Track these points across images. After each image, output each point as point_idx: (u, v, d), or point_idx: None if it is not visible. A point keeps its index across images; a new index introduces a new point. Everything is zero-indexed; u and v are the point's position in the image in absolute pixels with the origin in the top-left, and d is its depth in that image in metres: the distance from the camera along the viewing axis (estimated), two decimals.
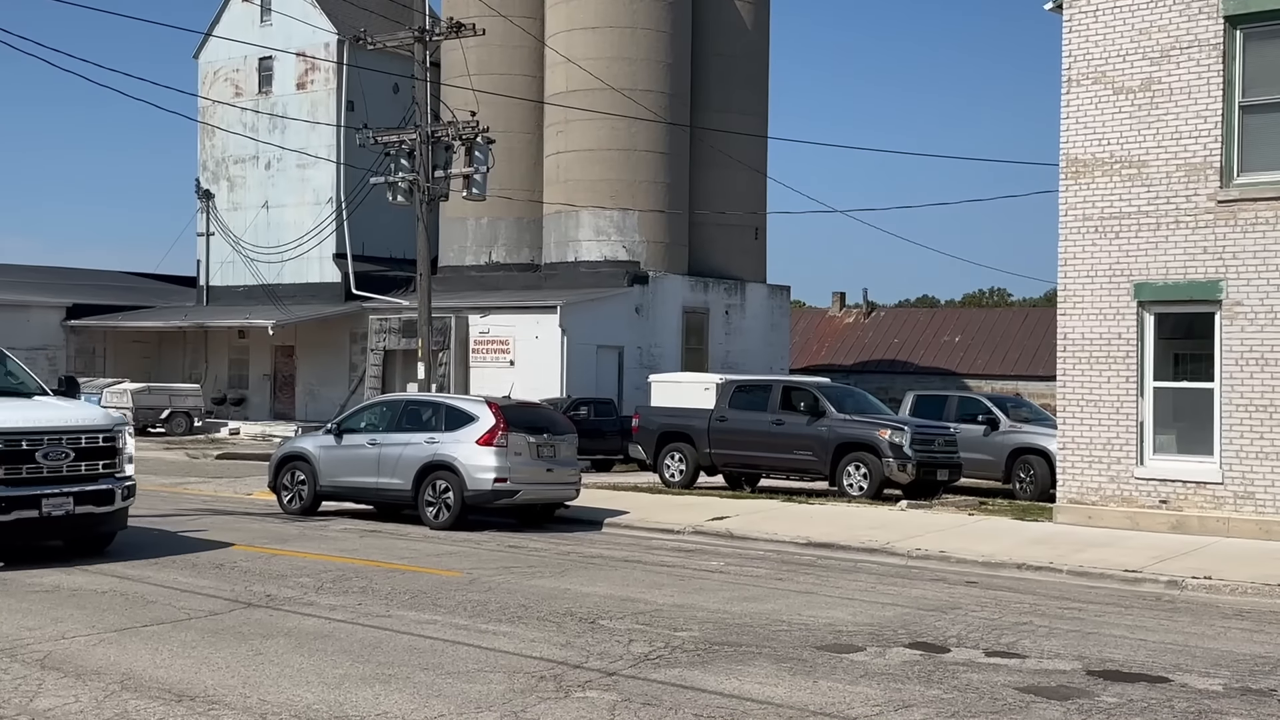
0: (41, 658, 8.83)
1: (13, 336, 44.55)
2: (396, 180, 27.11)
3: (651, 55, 39.97)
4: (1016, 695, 8.24)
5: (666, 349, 38.59)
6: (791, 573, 14.22)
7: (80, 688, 8.00)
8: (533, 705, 7.70)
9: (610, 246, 39.77)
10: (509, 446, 17.87)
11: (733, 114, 42.28)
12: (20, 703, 7.58)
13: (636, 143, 39.50)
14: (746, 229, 43.35)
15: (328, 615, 10.67)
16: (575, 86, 39.21)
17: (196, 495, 22.18)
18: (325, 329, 42.71)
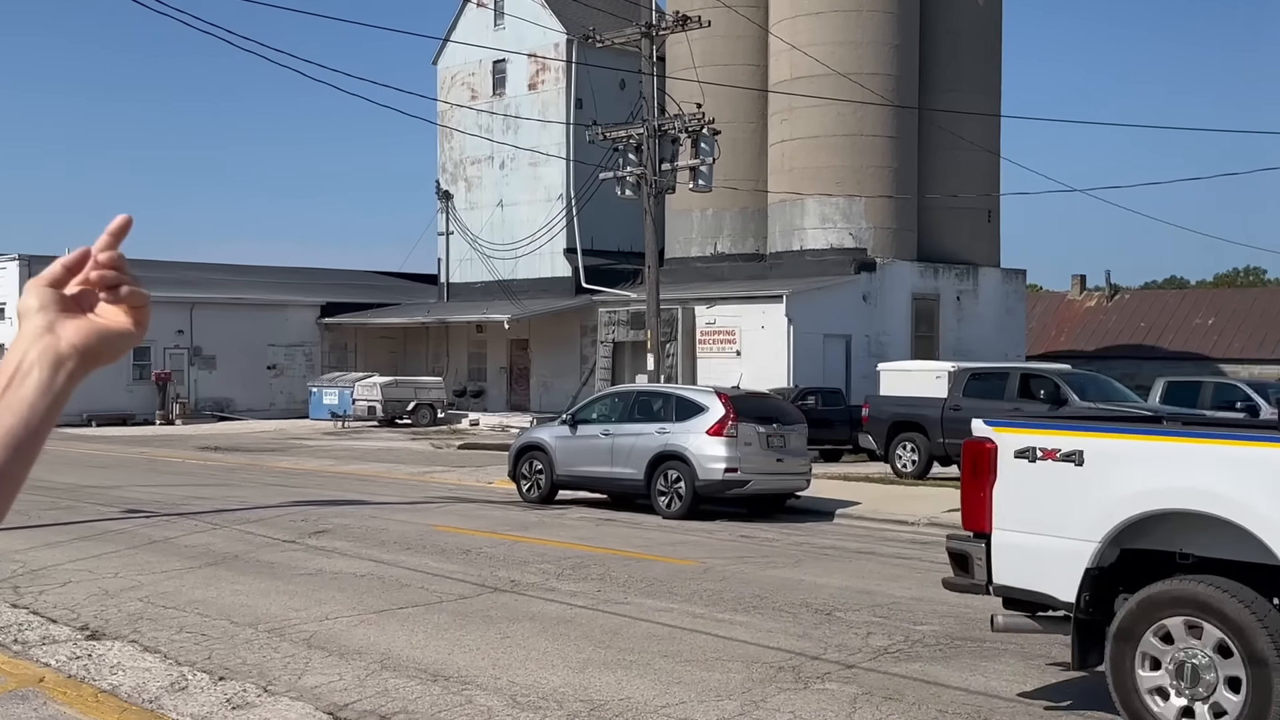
0: (308, 637, 9.26)
1: (274, 334, 47.18)
2: (624, 175, 27.44)
3: (878, 37, 39.29)
4: None
5: (895, 337, 37.88)
6: None
7: (344, 666, 8.36)
8: (772, 695, 7.67)
9: (836, 234, 39.30)
10: (739, 437, 17.84)
11: (963, 93, 41.08)
12: (289, 680, 7.96)
13: (863, 127, 38.90)
14: (979, 211, 42.14)
15: (569, 601, 10.86)
16: (800, 73, 38.89)
17: (442, 484, 22.92)
18: (557, 322, 43.52)
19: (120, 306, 1.30)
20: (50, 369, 1.26)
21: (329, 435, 37.85)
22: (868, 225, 39.15)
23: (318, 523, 16.14)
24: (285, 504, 18.36)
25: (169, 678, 7.84)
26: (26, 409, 1.25)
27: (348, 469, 25.94)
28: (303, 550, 13.76)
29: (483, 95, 47.79)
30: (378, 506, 18.34)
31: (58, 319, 1.28)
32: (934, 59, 40.95)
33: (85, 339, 1.27)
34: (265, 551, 13.64)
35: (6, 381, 1.26)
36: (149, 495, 19.52)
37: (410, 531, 15.54)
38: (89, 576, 11.79)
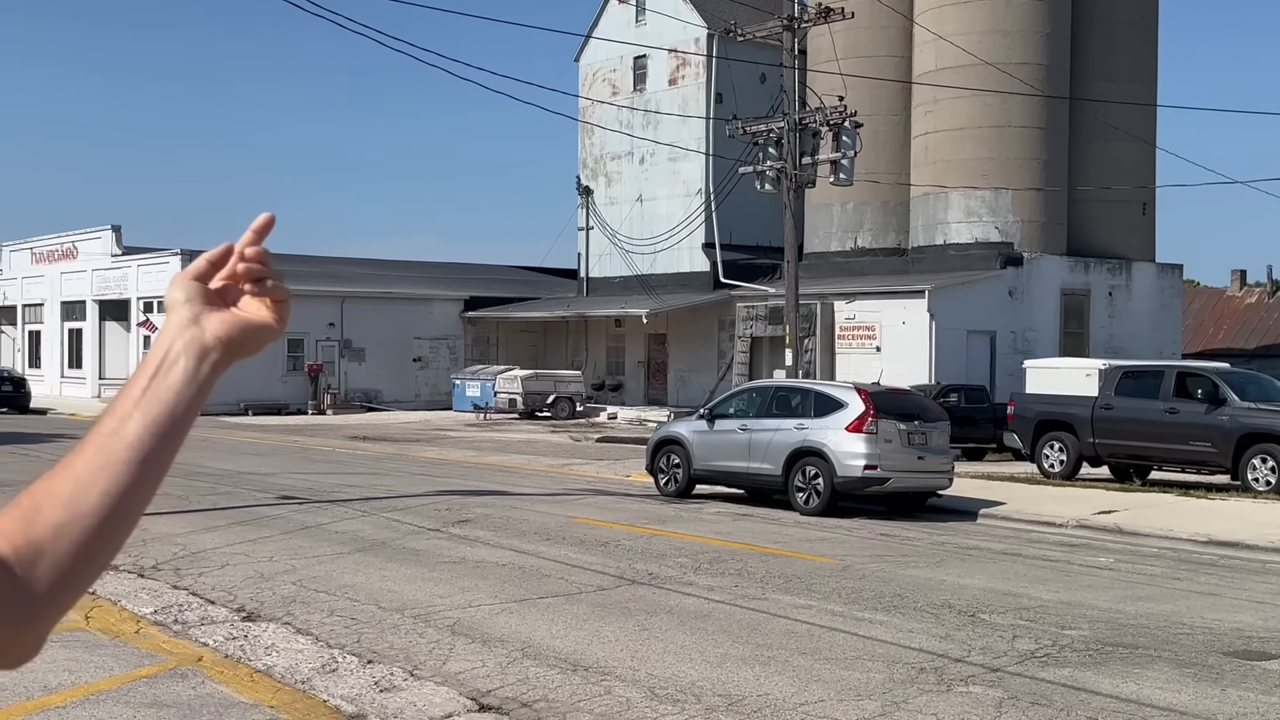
0: (451, 624, 9.43)
1: (419, 327, 48.14)
2: (764, 169, 27.33)
3: (1027, 26, 38.44)
4: None
5: (1042, 333, 37.02)
6: (1190, 572, 13.28)
7: (486, 653, 8.50)
8: (914, 697, 7.57)
9: (981, 228, 38.58)
10: (879, 433, 17.62)
11: (1117, 82, 39.92)
12: (434, 665, 8.12)
13: (1010, 118, 38.11)
14: (1133, 204, 40.93)
15: (706, 595, 10.85)
16: (945, 64, 38.27)
17: (580, 476, 23.09)
18: (694, 317, 43.53)
19: (263, 301, 1.34)
20: (195, 359, 1.29)
21: (471, 427, 38.44)
22: (1014, 219, 38.34)
23: (461, 512, 16.41)
24: (430, 493, 18.70)
25: (320, 660, 8.06)
26: (173, 397, 1.28)
27: (489, 460, 26.30)
28: (446, 539, 14.01)
29: (623, 91, 48.02)
30: (518, 497, 18.58)
31: (203, 311, 1.31)
32: (1086, 47, 39.87)
33: (229, 331, 1.30)
34: (411, 539, 13.92)
35: (154, 371, 1.28)
36: (302, 482, 20.07)
37: (550, 523, 15.69)
38: (245, 560, 12.18)
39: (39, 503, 1.23)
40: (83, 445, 1.27)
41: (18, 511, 1.23)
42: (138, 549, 12.61)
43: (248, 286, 1.34)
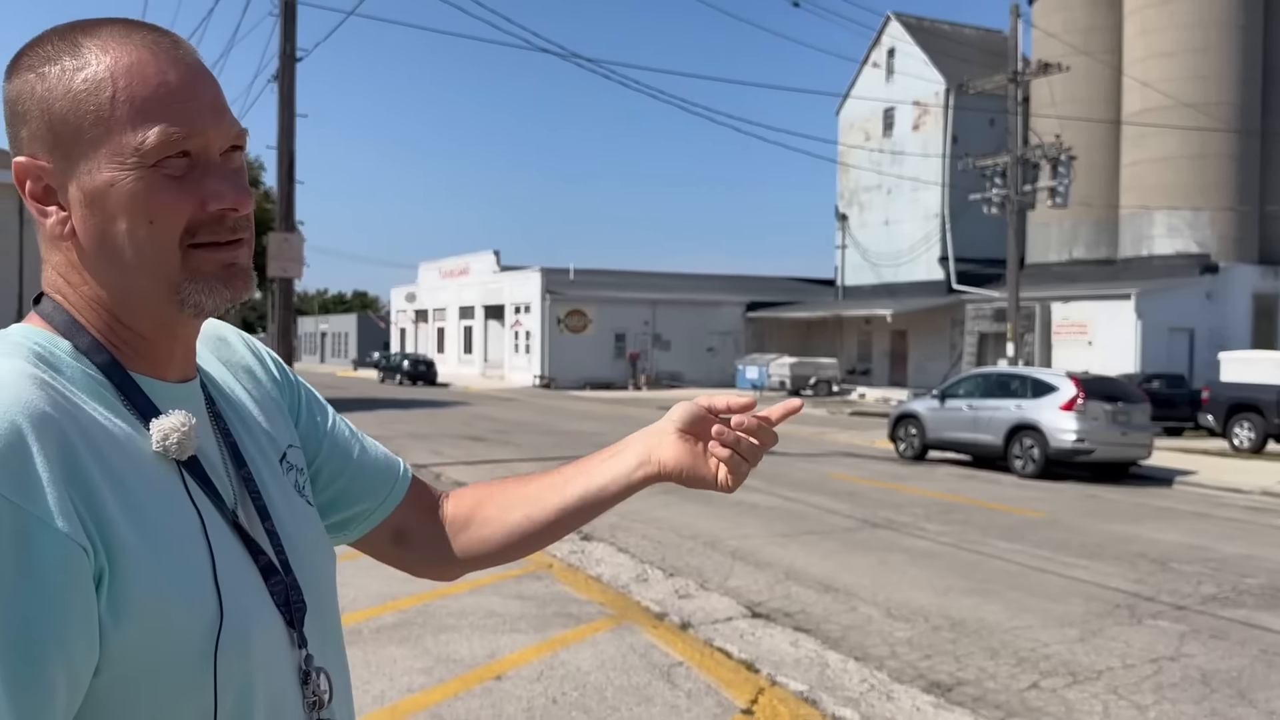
0: (732, 550, 9.64)
1: (711, 324, 48.92)
2: (991, 196, 26.36)
3: (1223, 71, 35.55)
4: None
5: (1235, 331, 34.16)
6: None
7: (758, 574, 8.65)
8: (1109, 626, 7.26)
9: (1181, 241, 35.94)
10: (1087, 412, 16.79)
11: None
12: (719, 580, 8.34)
13: (1207, 149, 35.33)
14: None
15: (935, 539, 10.66)
16: (1150, 105, 35.87)
17: (834, 441, 22.92)
18: (929, 317, 42.31)
19: (727, 453, 1.22)
20: (635, 463, 1.24)
21: None
22: (1210, 233, 35.58)
23: None
24: None
25: (635, 571, 8.38)
26: (606, 481, 1.25)
27: None
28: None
29: (874, 136, 47.10)
30: (784, 456, 18.62)
31: (674, 434, 1.23)
32: (1276, 85, 36.54)
33: (673, 464, 1.22)
34: None
35: (612, 454, 1.26)
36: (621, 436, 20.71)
37: (809, 476, 15.70)
38: None
39: (491, 494, 1.30)
40: (542, 476, 1.30)
41: (474, 493, 1.31)
42: None
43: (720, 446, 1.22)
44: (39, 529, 0.79)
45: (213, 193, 0.93)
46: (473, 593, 7.29)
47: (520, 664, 5.73)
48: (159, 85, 0.91)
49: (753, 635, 6.58)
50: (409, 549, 1.28)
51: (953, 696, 5.66)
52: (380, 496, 1.25)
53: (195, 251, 0.94)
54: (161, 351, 0.99)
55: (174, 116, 0.91)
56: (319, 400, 1.25)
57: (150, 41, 0.94)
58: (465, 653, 5.91)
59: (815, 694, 5.43)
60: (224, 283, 0.95)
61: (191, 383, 1.02)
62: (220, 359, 1.13)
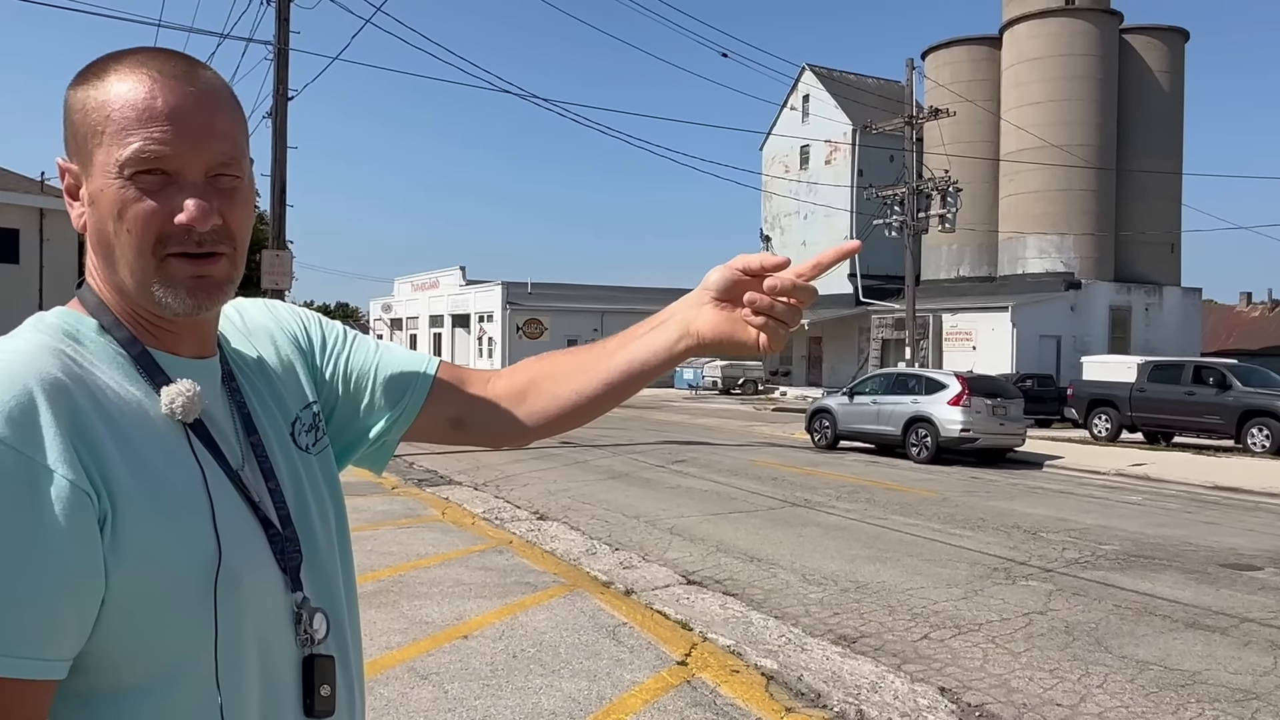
0: (670, 527, 9.64)
1: None
2: (891, 221, 26.73)
3: (1084, 119, 36.49)
4: None
5: (1095, 337, 35.04)
6: (1199, 508, 12.50)
7: (692, 547, 8.68)
8: (988, 587, 7.42)
9: (1050, 262, 36.77)
10: (971, 406, 17.10)
11: (1152, 157, 37.51)
12: (659, 553, 8.34)
13: (1071, 184, 36.21)
14: (1163, 245, 38.34)
15: (844, 515, 10.78)
16: (1023, 146, 36.68)
17: (759, 434, 23.07)
18: (841, 325, 42.73)
19: (762, 319, 1.08)
20: (676, 336, 1.14)
21: (686, 399, 38.75)
22: (1075, 255, 36.44)
23: (677, 455, 16.64)
24: (657, 442, 19.00)
25: (585, 547, 8.36)
26: (648, 354, 1.16)
27: (698, 421, 26.50)
28: (667, 472, 14.25)
29: (793, 169, 47.54)
30: (716, 447, 18.72)
31: (710, 302, 1.12)
32: (1128, 132, 37.62)
33: (710, 331, 1.11)
34: (644, 472, 14.20)
35: (654, 325, 1.16)
36: (574, 433, 20.28)
37: (737, 463, 15.80)
38: (539, 482, 12.69)
39: (542, 369, 1.23)
40: (589, 348, 1.22)
41: (527, 369, 1.23)
42: (472, 472, 13.30)
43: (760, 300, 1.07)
44: (45, 476, 0.81)
45: (181, 209, 0.93)
46: (443, 565, 7.25)
47: (484, 625, 5.72)
48: (145, 109, 0.92)
49: (687, 599, 6.62)
50: (469, 430, 1.23)
51: (857, 647, 5.75)
52: (406, 397, 1.20)
53: (170, 260, 0.94)
54: (174, 332, 0.99)
55: (150, 138, 0.91)
56: (339, 334, 1.22)
57: (157, 70, 0.94)
58: (436, 616, 5.89)
59: (740, 647, 5.49)
60: (189, 292, 0.95)
61: (208, 360, 1.03)
62: (244, 332, 1.13)
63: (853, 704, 4.67)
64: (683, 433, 22.02)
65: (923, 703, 4.74)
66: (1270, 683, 5.27)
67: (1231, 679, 5.31)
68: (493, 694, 4.59)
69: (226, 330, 1.11)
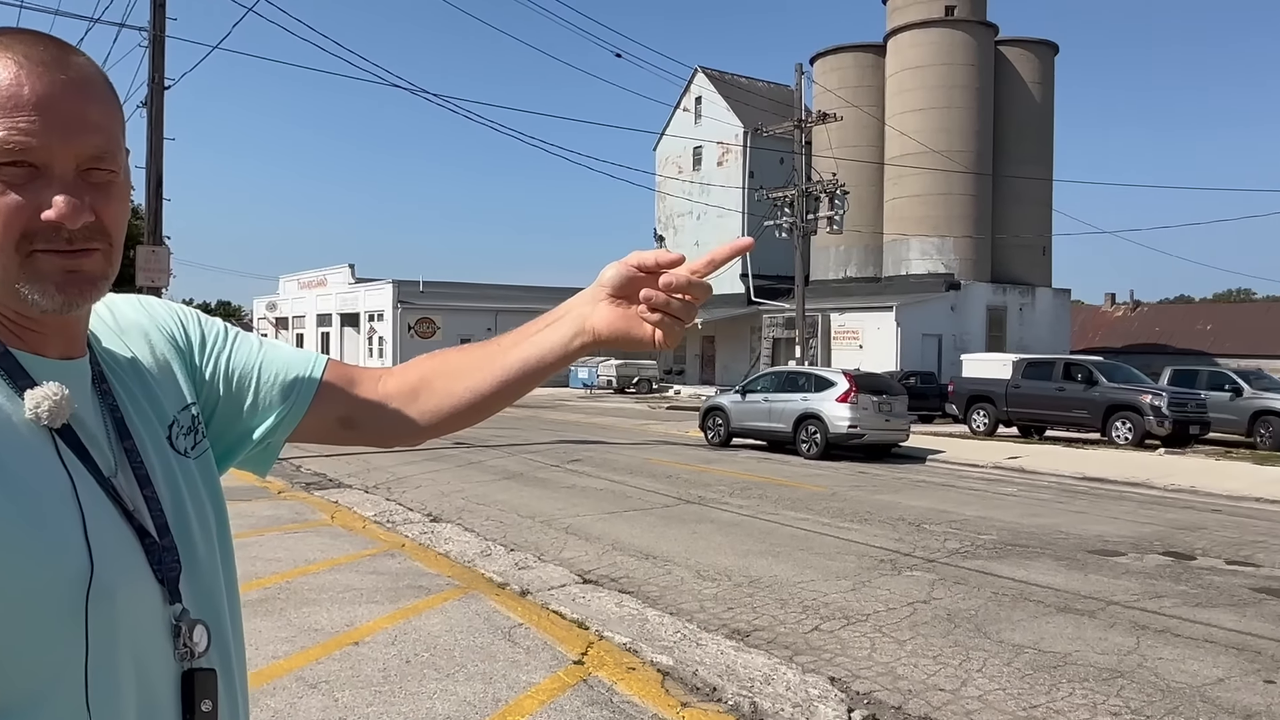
0: (566, 527, 9.60)
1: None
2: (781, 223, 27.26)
3: (963, 126, 38.02)
4: (1250, 593, 7.36)
5: (973, 336, 36.56)
6: (1069, 498, 13.19)
7: (588, 546, 8.66)
8: (876, 578, 7.64)
9: (932, 263, 38.16)
10: (859, 403, 17.59)
11: (1025, 163, 39.37)
12: (554, 553, 8.31)
13: (952, 188, 37.67)
14: (1035, 248, 40.29)
15: (737, 511, 10.92)
16: (907, 151, 37.93)
17: (654, 432, 23.20)
18: (733, 324, 43.43)
19: (658, 316, 1.06)
20: (570, 332, 1.11)
21: (581, 399, 38.68)
22: (954, 257, 37.92)
23: (573, 454, 16.58)
24: (553, 441, 18.90)
25: (480, 548, 8.25)
26: (543, 352, 1.13)
27: (593, 420, 26.49)
28: (563, 471, 14.18)
29: (686, 170, 48.04)
30: (612, 445, 18.74)
31: (605, 298, 1.09)
32: (1003, 140, 39.38)
33: (606, 329, 1.08)
34: (540, 472, 14.11)
35: (549, 322, 1.13)
36: (467, 434, 20.20)
37: (633, 461, 15.85)
38: (431, 484, 12.45)
39: (435, 367, 1.18)
40: (484, 345, 1.19)
41: (419, 366, 1.19)
42: (363, 475, 12.97)
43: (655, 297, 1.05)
44: None
45: (49, 205, 0.88)
46: (331, 570, 7.05)
47: (376, 631, 5.59)
48: (10, 97, 0.86)
49: (583, 598, 6.61)
50: (359, 430, 1.18)
51: (750, 640, 5.85)
52: (292, 397, 1.15)
53: (37, 255, 0.89)
54: (40, 331, 0.94)
55: (15, 128, 0.86)
56: (219, 332, 1.17)
57: (24, 54, 0.88)
58: (325, 623, 5.72)
59: (636, 644, 5.52)
60: (59, 287, 0.89)
61: (77, 360, 0.97)
62: (117, 331, 1.07)
63: (747, 696, 4.74)
64: (578, 432, 21.97)
65: (813, 693, 4.85)
66: (1133, 661, 5.59)
67: (1099, 659, 5.61)
68: (385, 700, 4.49)
69: (97, 329, 1.04)
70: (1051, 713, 4.71)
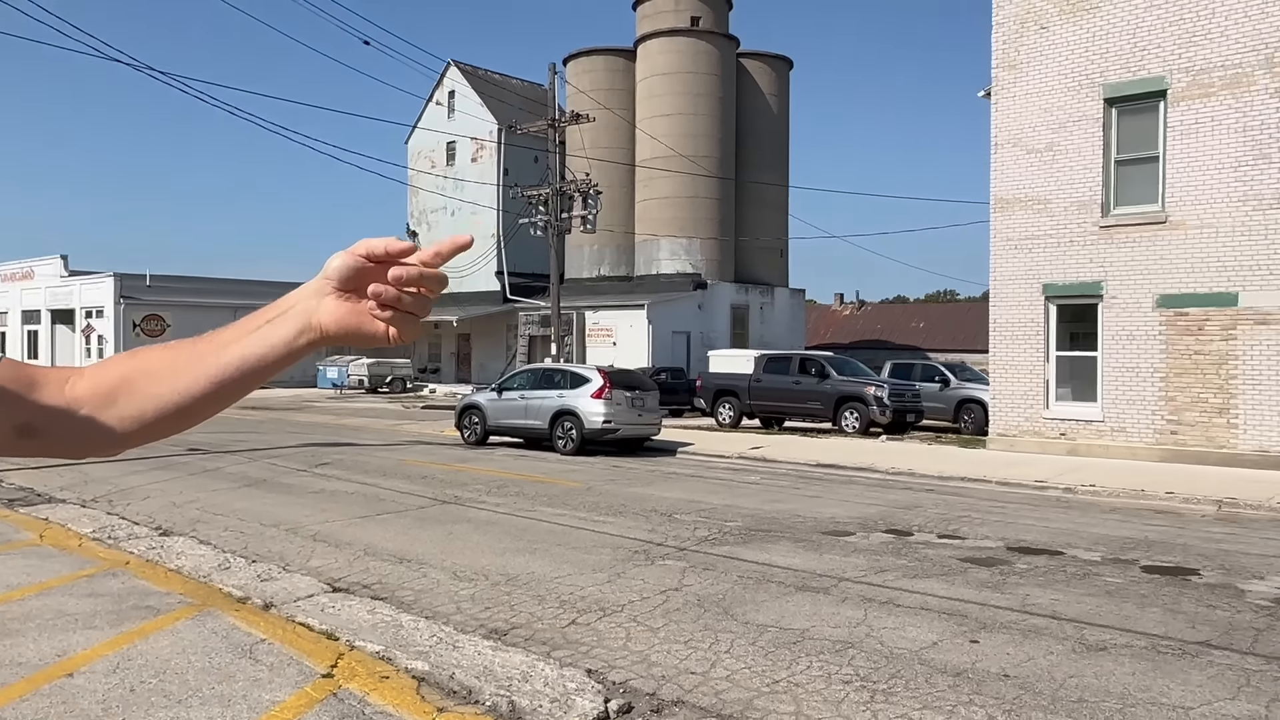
0: (314, 534, 9.15)
1: None
2: (536, 221, 27.35)
3: (708, 133, 39.80)
4: (958, 563, 8.23)
5: (720, 333, 38.44)
6: (806, 484, 14.13)
7: (338, 553, 8.30)
8: (630, 569, 7.83)
9: (681, 264, 39.69)
10: (613, 399, 17.98)
11: (764, 170, 41.91)
12: (301, 562, 7.89)
13: (698, 191, 39.36)
14: (774, 250, 42.97)
15: (494, 510, 10.87)
16: (658, 154, 39.18)
17: (409, 432, 22.63)
18: (489, 322, 43.13)
19: (390, 312, 0.98)
20: (296, 330, 1.00)
21: (331, 399, 37.05)
22: (702, 258, 39.63)
23: (322, 457, 15.86)
24: (300, 445, 17.99)
25: (217, 561, 7.70)
26: (266, 350, 1.01)
27: (344, 421, 25.46)
28: (311, 476, 13.53)
29: (439, 165, 47.07)
30: (364, 447, 18.09)
31: (332, 292, 0.99)
32: (745, 148, 41.66)
33: (333, 324, 0.99)
34: (285, 477, 13.39)
35: (271, 317, 1.02)
36: (203, 439, 18.87)
37: (386, 463, 15.38)
38: (161, 494, 11.48)
39: (137, 365, 1.04)
40: (193, 342, 1.05)
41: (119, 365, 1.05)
42: (79, 487, 11.72)
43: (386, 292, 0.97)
44: None
45: None
46: (40, 595, 6.31)
47: (94, 659, 5.05)
48: None
49: (333, 608, 6.32)
50: (42, 438, 1.02)
51: (508, 639, 5.82)
52: None
53: None
54: None
55: None
56: None
57: None
58: (33, 654, 5.10)
59: (390, 652, 5.34)
60: None
61: None
62: None
63: (505, 696, 4.71)
64: (327, 434, 21.03)
65: (571, 686, 4.90)
66: (862, 632, 6.09)
67: (832, 632, 6.06)
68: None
69: None
70: (792, 685, 5.03)
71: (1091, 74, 16.91)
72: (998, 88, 18.03)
